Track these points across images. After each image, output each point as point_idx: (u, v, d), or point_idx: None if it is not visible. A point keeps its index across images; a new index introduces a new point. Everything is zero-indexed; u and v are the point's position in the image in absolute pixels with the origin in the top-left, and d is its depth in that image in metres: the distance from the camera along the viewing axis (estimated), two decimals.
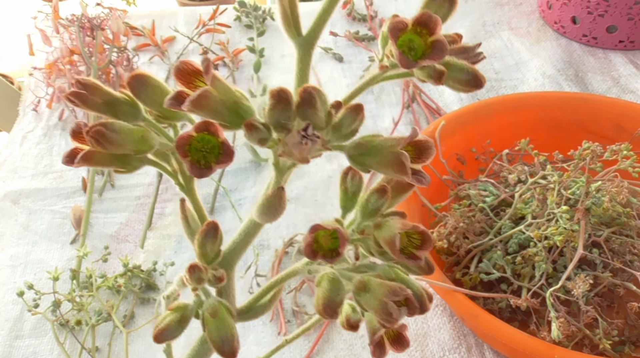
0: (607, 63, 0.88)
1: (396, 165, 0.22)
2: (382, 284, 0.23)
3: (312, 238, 0.23)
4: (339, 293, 0.24)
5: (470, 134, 0.66)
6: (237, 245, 0.27)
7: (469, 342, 0.56)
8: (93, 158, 0.24)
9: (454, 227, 0.57)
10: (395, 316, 0.23)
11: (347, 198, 0.26)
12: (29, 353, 0.58)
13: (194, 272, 0.24)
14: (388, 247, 0.23)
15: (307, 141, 0.21)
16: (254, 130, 0.21)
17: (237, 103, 0.22)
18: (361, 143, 0.23)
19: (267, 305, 0.28)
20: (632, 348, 0.53)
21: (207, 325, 0.24)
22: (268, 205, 0.23)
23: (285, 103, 0.21)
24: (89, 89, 0.25)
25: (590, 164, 0.57)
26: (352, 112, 0.22)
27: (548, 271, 0.53)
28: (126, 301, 0.61)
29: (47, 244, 0.68)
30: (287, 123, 0.21)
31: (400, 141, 0.22)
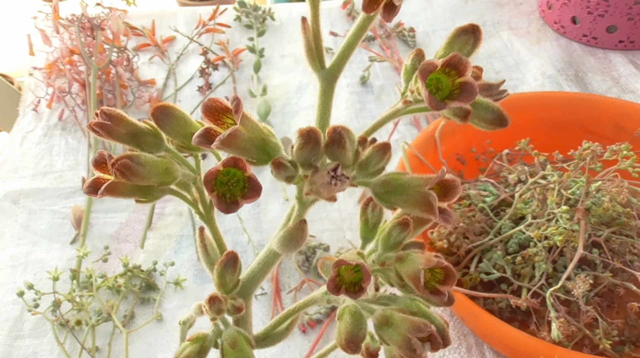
0: (607, 63, 0.88)
1: (424, 206, 0.22)
2: (405, 320, 0.23)
3: (336, 272, 0.23)
4: (362, 327, 0.24)
5: (470, 134, 0.66)
6: (256, 275, 0.27)
7: (469, 342, 0.56)
8: (116, 189, 0.25)
9: (454, 227, 0.57)
10: (420, 353, 0.23)
11: (368, 230, 0.26)
12: (29, 353, 0.58)
13: (214, 303, 0.24)
14: (412, 282, 0.24)
15: (336, 182, 0.21)
16: (282, 168, 0.22)
17: (265, 140, 0.23)
18: (387, 181, 0.23)
19: (284, 332, 0.28)
20: (632, 348, 0.53)
21: (227, 356, 0.25)
22: (290, 237, 0.24)
23: (315, 142, 0.21)
24: (113, 120, 0.25)
25: (590, 164, 0.57)
26: (380, 151, 0.22)
27: (548, 271, 0.53)
28: (126, 301, 0.61)
29: (47, 244, 0.68)
30: (315, 162, 0.21)
31: (428, 181, 0.22)
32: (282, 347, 0.57)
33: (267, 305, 0.60)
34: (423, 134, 0.65)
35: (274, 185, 0.73)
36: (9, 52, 1.83)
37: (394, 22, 0.97)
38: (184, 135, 0.25)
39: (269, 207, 0.71)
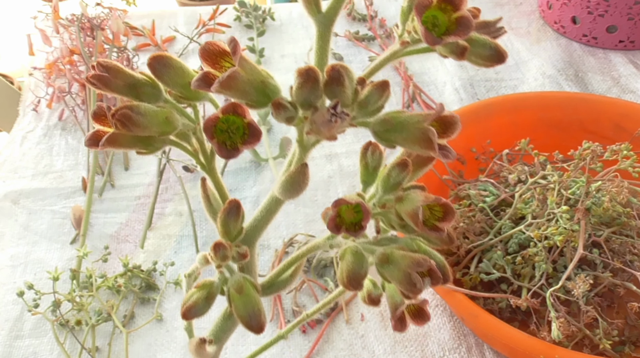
0: (607, 63, 0.88)
1: (423, 141, 0.22)
2: (405, 256, 0.24)
3: (336, 212, 0.23)
4: (363, 265, 0.24)
5: (470, 134, 0.66)
6: (259, 222, 0.27)
7: (469, 342, 0.56)
8: (117, 140, 0.24)
9: (454, 227, 0.57)
10: (420, 286, 0.23)
11: (368, 173, 0.26)
12: (29, 353, 0.58)
13: (219, 249, 0.24)
14: (411, 220, 0.24)
15: (336, 119, 0.21)
16: (282, 109, 0.21)
17: (264, 82, 0.23)
18: (387, 119, 0.23)
19: (288, 279, 0.28)
20: (632, 348, 0.53)
21: (234, 301, 0.24)
22: (292, 181, 0.24)
23: (314, 81, 0.21)
24: (110, 72, 0.25)
25: (590, 164, 0.57)
26: (379, 89, 0.22)
27: (548, 271, 0.53)
28: (126, 301, 0.61)
29: (47, 244, 0.68)
30: (315, 102, 0.21)
31: (427, 117, 0.22)
32: (282, 347, 0.57)
33: (267, 305, 0.60)
34: None
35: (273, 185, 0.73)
36: (9, 52, 1.83)
37: (393, 22, 0.97)
38: (182, 85, 0.25)
39: None
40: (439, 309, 0.59)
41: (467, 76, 0.88)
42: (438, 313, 0.59)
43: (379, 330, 0.58)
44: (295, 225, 0.68)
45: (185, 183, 0.72)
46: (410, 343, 0.56)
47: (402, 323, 0.25)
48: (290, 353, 0.57)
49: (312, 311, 0.33)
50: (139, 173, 0.77)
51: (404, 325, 0.26)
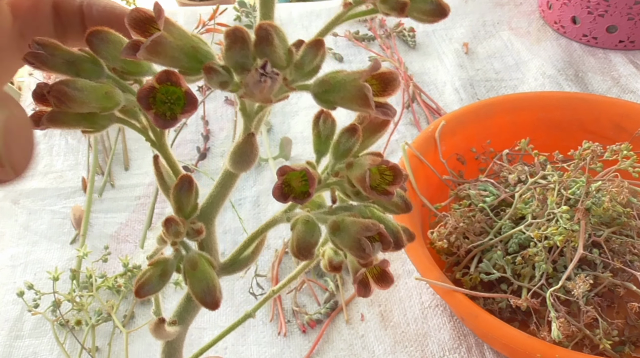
0: (607, 63, 0.88)
1: (359, 99, 0.22)
2: (355, 222, 0.23)
3: (282, 181, 0.23)
4: (314, 234, 0.24)
5: (470, 134, 0.66)
6: (214, 198, 0.26)
7: (469, 342, 0.56)
8: (58, 119, 0.24)
9: (454, 227, 0.57)
10: (369, 251, 0.23)
11: (320, 142, 0.25)
12: (29, 353, 0.58)
13: (170, 225, 0.23)
14: (359, 185, 0.23)
15: (265, 79, 0.20)
16: (214, 73, 0.21)
17: (195, 48, 0.22)
18: (325, 79, 0.22)
19: (250, 257, 0.27)
20: (632, 348, 0.53)
21: (189, 278, 0.24)
22: (240, 152, 0.23)
23: (242, 42, 0.20)
24: (47, 49, 0.24)
25: (590, 164, 0.57)
26: (313, 48, 0.21)
27: (548, 271, 0.53)
28: (126, 301, 0.61)
29: (47, 244, 0.68)
30: (246, 64, 0.21)
31: (362, 74, 0.22)
32: (282, 347, 0.57)
33: (267, 304, 0.60)
34: (423, 134, 0.65)
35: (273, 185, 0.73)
36: None
37: (393, 22, 0.97)
38: (122, 60, 0.24)
39: (269, 207, 0.71)
40: (439, 309, 0.59)
41: (467, 76, 0.88)
42: (438, 313, 0.59)
43: (379, 330, 0.58)
44: None
45: None
46: (410, 343, 0.56)
47: (365, 287, 0.25)
48: (290, 353, 0.57)
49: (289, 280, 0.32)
50: (139, 173, 0.77)
51: (367, 289, 0.25)
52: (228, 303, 0.61)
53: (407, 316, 0.59)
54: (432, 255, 0.56)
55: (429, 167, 0.62)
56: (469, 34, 0.96)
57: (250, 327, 0.59)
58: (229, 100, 0.87)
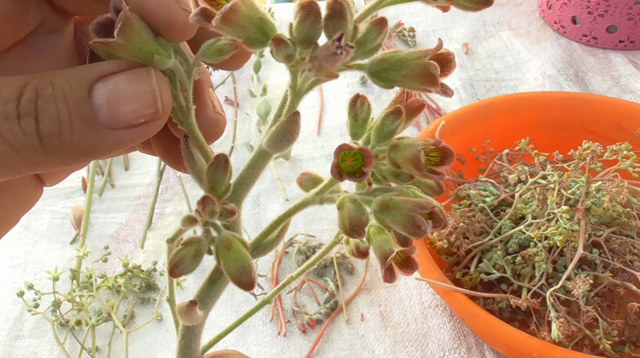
0: (607, 63, 0.88)
1: (425, 77, 0.22)
2: (407, 200, 0.23)
3: (338, 158, 0.23)
4: (364, 212, 0.24)
5: (470, 134, 0.66)
6: (245, 179, 0.25)
7: (469, 342, 0.56)
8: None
9: (454, 227, 0.57)
10: (424, 228, 0.23)
11: (357, 125, 0.25)
12: (29, 353, 0.58)
13: (207, 204, 0.23)
14: (411, 165, 0.23)
15: (341, 51, 0.20)
16: (282, 45, 0.21)
17: (263, 19, 0.22)
18: (385, 58, 0.22)
19: (274, 240, 0.27)
20: (632, 348, 0.53)
21: (223, 258, 0.23)
22: (283, 131, 0.23)
23: (316, 15, 0.20)
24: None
25: (590, 164, 0.57)
26: (377, 26, 0.22)
27: (548, 271, 0.53)
28: (126, 301, 0.61)
29: (47, 244, 0.68)
30: (315, 37, 0.21)
31: (427, 53, 0.22)
32: (282, 347, 0.57)
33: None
34: (423, 134, 0.65)
35: (273, 185, 0.73)
36: None
37: (393, 22, 0.97)
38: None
39: (269, 207, 0.71)
40: (439, 309, 0.59)
41: (467, 76, 0.88)
42: (438, 313, 0.59)
43: (379, 330, 0.58)
44: (295, 225, 0.68)
45: (185, 183, 0.72)
46: (410, 343, 0.56)
47: (391, 274, 0.25)
48: (290, 353, 0.57)
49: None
50: (139, 173, 0.77)
51: (393, 276, 0.25)
52: (228, 303, 0.61)
53: (407, 316, 0.59)
54: (432, 255, 0.56)
55: None
56: (469, 34, 0.96)
57: (250, 327, 0.59)
58: (229, 100, 0.87)
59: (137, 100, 0.22)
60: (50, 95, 0.20)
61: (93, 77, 0.21)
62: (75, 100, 0.21)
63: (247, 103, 0.86)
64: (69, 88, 0.21)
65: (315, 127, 0.82)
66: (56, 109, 0.20)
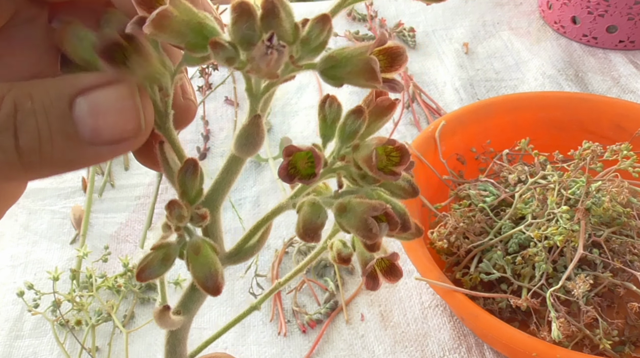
0: (607, 63, 0.88)
1: (366, 73, 0.21)
2: (361, 203, 0.23)
3: (288, 161, 0.22)
4: (319, 215, 0.23)
5: (470, 134, 0.66)
6: (220, 184, 0.25)
7: (469, 342, 0.56)
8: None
9: (454, 227, 0.57)
10: (375, 231, 0.22)
11: (326, 126, 0.25)
12: (29, 353, 0.58)
13: (173, 208, 0.23)
14: (366, 166, 0.23)
15: (272, 51, 0.19)
16: (220, 48, 0.20)
17: (202, 24, 0.21)
18: (332, 55, 0.22)
19: (255, 246, 0.27)
20: (632, 348, 0.53)
21: (191, 263, 0.23)
22: (246, 135, 0.22)
23: (248, 15, 0.20)
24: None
25: (590, 164, 0.57)
26: (319, 23, 0.21)
27: (548, 271, 0.53)
28: (126, 301, 0.61)
29: (47, 244, 0.68)
30: (253, 38, 0.20)
31: (368, 47, 0.21)
32: (282, 347, 0.57)
33: (267, 305, 0.60)
34: (423, 134, 0.65)
35: (273, 185, 0.73)
36: None
37: (393, 22, 0.97)
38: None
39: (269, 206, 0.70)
40: (439, 309, 0.59)
41: (467, 76, 0.88)
42: (438, 313, 0.59)
43: (379, 330, 0.58)
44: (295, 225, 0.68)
45: None
46: (410, 343, 0.56)
47: (374, 280, 0.25)
48: (290, 353, 0.57)
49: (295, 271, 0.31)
50: (139, 173, 0.77)
51: (376, 282, 0.25)
52: (228, 303, 0.61)
53: (407, 316, 0.59)
54: (432, 255, 0.56)
55: (429, 167, 0.62)
56: (469, 34, 0.96)
57: (250, 327, 0.59)
58: (229, 100, 0.87)
59: (119, 116, 0.21)
60: (30, 110, 0.20)
61: (74, 91, 0.21)
62: (56, 115, 0.20)
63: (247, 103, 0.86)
64: (49, 102, 0.20)
65: (315, 127, 0.82)
66: (36, 124, 0.20)
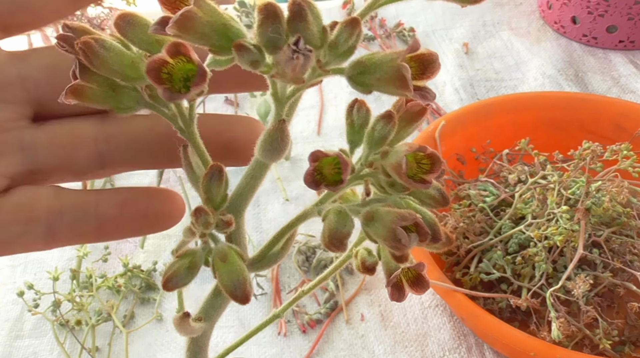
0: (607, 63, 0.88)
1: (397, 80, 0.21)
2: (390, 212, 0.22)
3: (314, 167, 0.21)
4: (346, 224, 0.22)
5: (470, 134, 0.66)
6: (244, 189, 0.25)
7: (469, 342, 0.56)
8: (83, 92, 0.23)
9: (454, 227, 0.57)
10: (405, 242, 0.21)
11: (354, 132, 0.24)
12: (29, 353, 0.58)
13: (200, 215, 0.22)
14: (395, 173, 0.22)
15: (298, 56, 0.19)
16: (245, 51, 0.20)
17: (226, 25, 0.21)
18: (361, 61, 0.21)
19: (279, 253, 0.26)
20: (632, 348, 0.53)
21: (218, 270, 0.23)
22: (270, 140, 0.22)
23: (274, 17, 0.19)
24: (77, 32, 0.23)
25: (590, 164, 0.57)
26: (348, 27, 0.20)
27: (548, 271, 0.53)
28: (126, 301, 0.61)
29: None
30: (279, 41, 0.20)
31: (400, 54, 0.21)
32: (282, 347, 0.57)
33: (267, 305, 0.60)
34: (423, 134, 0.65)
35: (273, 185, 0.73)
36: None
37: (393, 22, 0.97)
38: (148, 42, 0.23)
39: (269, 207, 0.71)
40: (439, 309, 0.59)
41: (467, 76, 0.88)
42: (438, 313, 0.59)
43: (379, 330, 0.58)
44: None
45: (185, 183, 0.72)
46: (410, 343, 0.56)
47: (399, 291, 0.23)
48: (290, 353, 0.57)
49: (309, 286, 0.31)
50: (139, 173, 0.77)
51: (402, 294, 0.23)
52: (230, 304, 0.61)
53: (407, 316, 0.59)
54: (432, 255, 0.56)
55: None
56: (469, 34, 0.96)
57: (250, 326, 0.59)
58: (229, 100, 0.87)
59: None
60: None
61: None
62: None
63: (247, 103, 0.86)
64: None
65: (315, 127, 0.82)
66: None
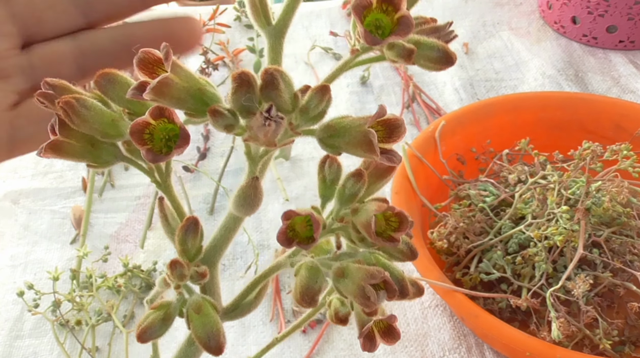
0: (607, 63, 0.88)
1: (364, 144, 0.22)
2: (359, 269, 0.23)
3: (287, 225, 0.22)
4: (317, 280, 0.23)
5: (470, 134, 0.66)
6: (218, 241, 0.26)
7: (469, 342, 0.56)
8: (62, 148, 0.24)
9: (454, 227, 0.57)
10: (373, 299, 0.22)
11: (326, 187, 0.25)
12: (29, 353, 0.58)
13: (175, 268, 0.23)
14: (364, 231, 0.23)
15: (270, 122, 0.20)
16: (219, 116, 0.21)
17: (201, 90, 0.22)
18: (330, 124, 0.22)
19: (253, 302, 0.27)
20: (632, 348, 0.53)
21: (192, 322, 0.24)
22: (244, 196, 0.23)
23: (248, 85, 0.21)
24: (56, 90, 0.24)
25: (590, 164, 0.57)
26: (318, 94, 0.21)
27: (548, 271, 0.53)
28: (126, 301, 0.61)
29: (47, 244, 0.68)
30: (252, 107, 0.21)
31: (367, 119, 0.22)
32: (282, 347, 0.57)
33: (267, 305, 0.60)
34: (423, 134, 0.65)
35: (273, 185, 0.73)
36: None
37: None
38: (128, 100, 0.24)
39: (269, 207, 0.71)
40: (439, 309, 0.59)
41: (467, 76, 0.88)
42: (438, 313, 0.59)
43: None
44: None
45: (185, 183, 0.72)
46: (410, 343, 0.56)
47: (371, 342, 0.24)
48: (290, 353, 0.57)
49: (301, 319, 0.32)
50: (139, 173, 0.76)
51: (373, 344, 0.25)
52: None
53: (407, 316, 0.59)
54: (432, 255, 0.56)
55: (429, 167, 0.62)
56: (469, 34, 0.96)
57: (250, 327, 0.59)
58: None
59: None
60: None
61: None
62: None
63: None
64: None
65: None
66: None
